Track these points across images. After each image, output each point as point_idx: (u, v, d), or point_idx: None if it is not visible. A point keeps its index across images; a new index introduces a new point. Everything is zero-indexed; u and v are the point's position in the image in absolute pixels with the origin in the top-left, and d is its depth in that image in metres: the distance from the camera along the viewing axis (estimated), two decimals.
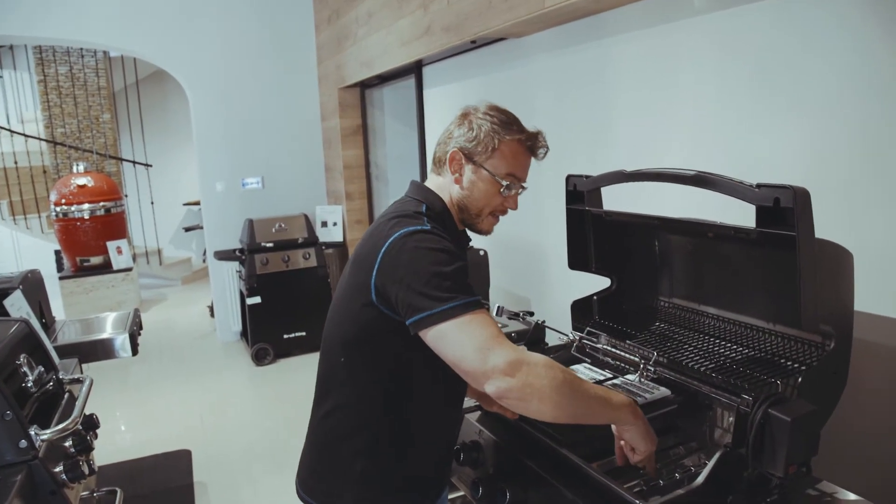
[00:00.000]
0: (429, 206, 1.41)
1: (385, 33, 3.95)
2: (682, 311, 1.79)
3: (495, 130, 1.39)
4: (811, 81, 1.68)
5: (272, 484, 3.37)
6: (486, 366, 1.17)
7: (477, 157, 1.40)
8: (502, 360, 1.17)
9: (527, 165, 1.45)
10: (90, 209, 6.50)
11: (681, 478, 1.33)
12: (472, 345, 1.19)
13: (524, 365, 1.17)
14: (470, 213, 1.44)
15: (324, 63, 5.54)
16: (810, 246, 1.21)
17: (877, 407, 1.58)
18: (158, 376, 5.13)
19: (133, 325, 2.96)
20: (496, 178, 1.40)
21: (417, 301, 1.21)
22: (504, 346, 1.19)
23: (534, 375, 1.17)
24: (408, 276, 1.23)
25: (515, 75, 3.04)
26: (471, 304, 1.21)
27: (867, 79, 1.55)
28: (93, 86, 8.14)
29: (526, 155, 1.44)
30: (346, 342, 1.38)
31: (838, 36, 1.60)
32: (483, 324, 1.21)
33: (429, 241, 1.27)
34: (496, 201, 1.43)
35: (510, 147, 1.40)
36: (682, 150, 2.11)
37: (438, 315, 1.20)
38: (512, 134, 1.40)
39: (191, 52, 5.38)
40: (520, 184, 1.44)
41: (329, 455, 1.42)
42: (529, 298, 3.07)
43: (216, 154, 5.56)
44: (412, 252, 1.25)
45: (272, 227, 5.18)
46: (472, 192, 1.41)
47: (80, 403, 1.98)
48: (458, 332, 1.20)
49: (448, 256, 1.25)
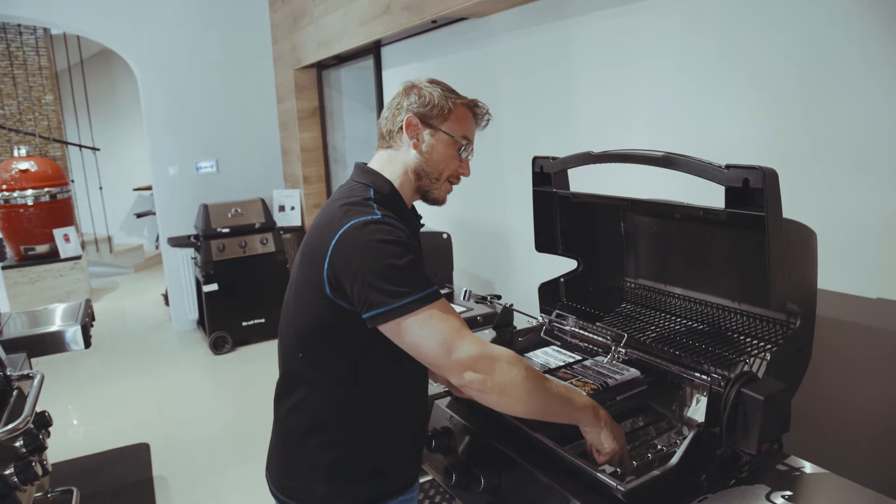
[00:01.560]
0: (377, 189, 1.37)
1: (343, 12, 3.86)
2: (648, 291, 1.80)
3: (446, 96, 1.41)
4: (773, 59, 1.69)
5: (235, 474, 3.31)
6: (451, 359, 1.20)
7: (433, 121, 1.40)
8: (466, 353, 1.20)
9: (474, 131, 1.47)
10: (34, 195, 6.24)
11: (653, 458, 1.33)
12: (434, 339, 1.20)
13: (488, 359, 1.21)
14: (430, 177, 1.42)
15: (279, 43, 5.40)
16: (779, 226, 1.22)
17: (839, 382, 1.61)
18: (112, 368, 4.99)
19: (85, 317, 2.85)
20: (455, 137, 1.41)
21: (374, 296, 1.20)
22: (467, 338, 1.21)
23: (497, 370, 1.21)
24: (362, 270, 1.21)
25: (477, 55, 3.00)
26: (428, 296, 1.21)
27: (828, 58, 1.56)
28: (33, 65, 7.78)
29: (472, 120, 1.45)
30: (302, 337, 1.35)
31: (802, 14, 1.61)
32: (443, 316, 1.22)
33: (381, 231, 1.24)
34: (454, 164, 1.44)
35: (461, 110, 1.42)
36: (646, 129, 2.12)
37: (397, 310, 1.20)
38: (460, 98, 1.43)
39: (138, 30, 5.17)
40: (471, 146, 1.45)
41: (297, 450, 1.40)
42: (493, 281, 3.06)
43: (168, 137, 5.38)
44: (364, 245, 1.22)
45: (228, 212, 5.06)
46: (431, 156, 1.41)
47: (31, 401, 1.90)
48: (419, 327, 1.20)
49: (401, 248, 1.23)
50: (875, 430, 1.56)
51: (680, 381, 1.48)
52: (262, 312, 5.11)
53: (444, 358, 1.21)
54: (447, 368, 1.22)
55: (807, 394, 1.45)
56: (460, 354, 1.20)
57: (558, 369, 1.64)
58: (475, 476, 1.42)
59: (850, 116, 1.53)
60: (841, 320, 1.61)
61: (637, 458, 1.34)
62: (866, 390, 1.58)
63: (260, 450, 1.50)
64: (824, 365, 1.57)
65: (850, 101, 1.53)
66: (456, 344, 1.20)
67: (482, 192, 3.09)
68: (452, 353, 1.20)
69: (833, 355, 1.60)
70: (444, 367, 1.22)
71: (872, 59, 1.47)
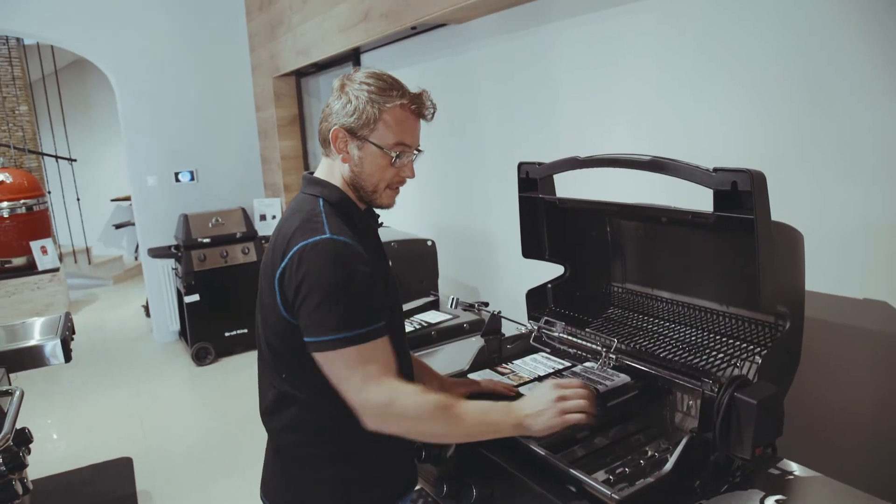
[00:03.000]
0: (325, 199, 1.34)
1: (321, 19, 3.83)
2: (636, 296, 1.80)
3: (373, 100, 1.29)
4: (755, 57, 1.70)
5: (221, 486, 3.26)
6: (365, 401, 1.22)
7: (360, 132, 1.30)
8: (379, 399, 1.21)
9: (416, 129, 1.35)
10: (10, 207, 6.14)
11: (645, 465, 1.32)
12: (353, 380, 1.22)
13: (394, 405, 1.21)
14: (365, 190, 1.36)
15: (256, 51, 5.36)
16: (767, 228, 1.22)
17: (828, 383, 1.62)
18: (92, 382, 4.90)
19: (65, 330, 2.80)
20: (384, 150, 1.31)
21: (310, 324, 1.23)
22: (380, 384, 1.22)
23: (403, 417, 1.22)
24: (305, 295, 1.22)
25: (458, 62, 2.99)
26: (359, 336, 1.21)
27: (813, 56, 1.57)
28: (6, 76, 7.67)
29: (413, 119, 1.33)
30: (277, 356, 1.35)
31: (784, 10, 1.62)
32: (366, 359, 1.22)
33: (327, 255, 1.22)
34: (389, 173, 1.34)
35: (393, 114, 1.30)
36: (629, 130, 2.12)
37: (326, 343, 1.22)
38: (392, 100, 1.30)
39: (113, 40, 5.11)
40: (411, 150, 1.35)
41: (297, 467, 1.38)
42: (479, 288, 3.05)
43: (146, 147, 5.31)
44: (306, 271, 1.22)
45: (209, 221, 5.00)
46: (362, 169, 1.33)
47: (11, 417, 1.86)
48: (341, 364, 1.22)
49: (344, 277, 1.21)
50: (865, 431, 1.57)
51: (671, 387, 1.47)
52: (244, 323, 5.05)
53: (356, 397, 1.22)
54: (359, 408, 1.23)
55: (796, 396, 1.46)
56: (370, 398, 1.22)
57: (548, 376, 1.63)
58: (467, 486, 1.40)
59: (836, 116, 1.54)
60: (829, 321, 1.62)
61: (630, 465, 1.33)
62: (855, 392, 1.58)
63: (245, 461, 1.48)
64: (813, 367, 1.57)
65: (836, 101, 1.53)
66: (368, 388, 1.21)
67: (466, 198, 3.08)
68: (363, 396, 1.22)
69: (821, 357, 1.60)
70: (355, 405, 1.23)
71: (859, 57, 1.48)
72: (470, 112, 2.94)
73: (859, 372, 1.57)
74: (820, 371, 1.61)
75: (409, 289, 2.71)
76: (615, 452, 1.41)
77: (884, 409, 1.53)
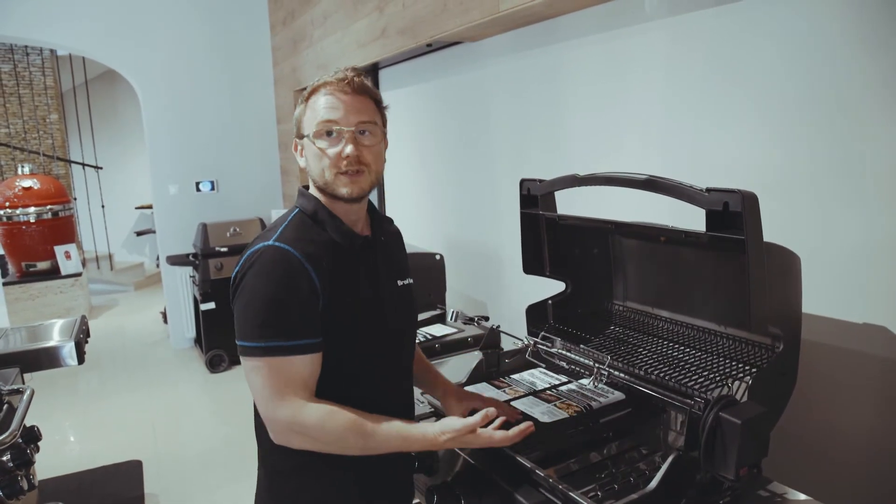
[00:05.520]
0: (302, 208, 1.39)
1: (341, 35, 3.90)
2: (635, 314, 1.80)
3: (301, 100, 1.37)
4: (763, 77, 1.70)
5: (228, 493, 3.29)
6: (269, 416, 1.25)
7: (299, 133, 1.37)
8: (281, 416, 1.23)
9: (335, 106, 1.30)
10: (36, 212, 6.29)
11: (635, 482, 1.33)
12: (260, 391, 1.25)
13: (298, 424, 1.23)
14: (319, 185, 1.35)
15: (279, 65, 5.46)
16: (759, 249, 1.22)
17: (825, 407, 1.61)
18: (109, 385, 4.98)
19: (79, 333, 2.86)
20: (310, 137, 1.32)
21: (236, 326, 1.27)
22: (288, 402, 1.23)
23: (307, 436, 1.24)
24: (238, 299, 1.28)
25: (471, 79, 3.03)
26: (273, 349, 1.22)
27: (818, 76, 1.58)
28: (39, 85, 7.88)
29: (333, 98, 1.31)
30: None
31: (791, 33, 1.62)
32: (276, 374, 1.23)
33: (263, 263, 1.26)
34: (328, 159, 1.30)
35: (313, 101, 1.33)
36: (638, 148, 2.13)
37: (244, 349, 1.25)
38: (313, 93, 1.34)
39: (142, 52, 5.24)
40: (335, 125, 1.30)
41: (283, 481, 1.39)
42: (486, 303, 3.07)
43: (169, 156, 5.42)
44: (244, 277, 1.27)
45: (226, 231, 5.08)
46: (308, 165, 1.36)
47: (20, 415, 1.91)
48: (253, 373, 1.25)
49: (273, 286, 1.23)
50: (862, 457, 1.55)
51: (663, 405, 1.47)
52: None
53: (265, 411, 1.26)
54: (267, 422, 1.26)
55: (793, 419, 1.45)
56: (278, 415, 1.23)
57: (543, 391, 1.64)
58: (456, 497, 1.41)
59: (838, 139, 1.54)
60: (828, 345, 1.61)
61: (620, 481, 1.33)
62: (853, 417, 1.57)
63: (252, 469, 1.49)
64: (811, 390, 1.56)
65: (839, 124, 1.53)
66: (277, 404, 1.23)
67: (476, 213, 3.10)
68: (272, 411, 1.24)
69: (820, 380, 1.59)
70: (266, 419, 1.26)
71: (864, 78, 1.48)
72: (482, 127, 2.97)
73: (858, 397, 1.56)
74: (818, 395, 1.60)
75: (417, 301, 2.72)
76: (608, 468, 1.41)
77: (882, 436, 1.51)
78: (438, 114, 3.34)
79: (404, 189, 3.80)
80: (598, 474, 1.37)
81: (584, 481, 1.34)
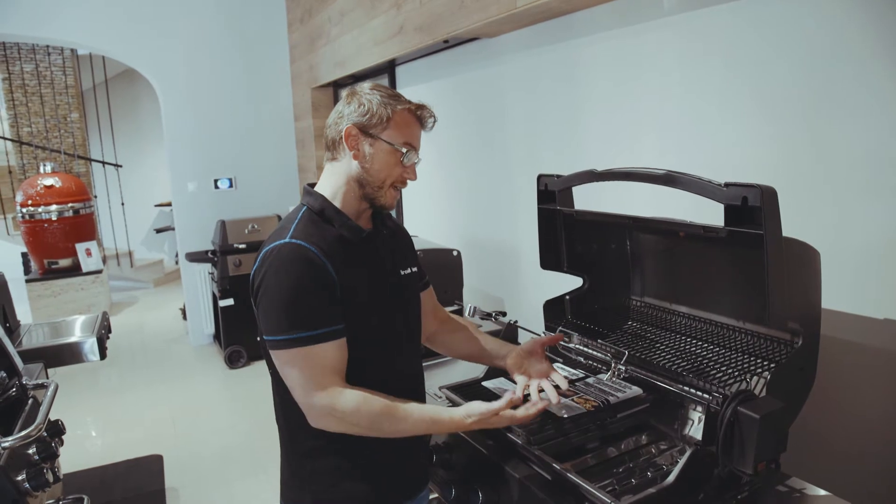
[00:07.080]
0: (309, 206, 1.42)
1: (358, 33, 3.92)
2: (653, 309, 1.80)
3: (385, 102, 1.38)
4: (778, 76, 1.70)
5: (247, 487, 3.33)
6: (307, 403, 1.31)
7: (373, 130, 1.37)
8: (319, 403, 1.29)
9: (419, 136, 1.43)
10: (58, 210, 6.38)
11: (653, 476, 1.33)
12: (297, 381, 1.30)
13: (336, 410, 1.29)
14: (372, 186, 1.40)
15: (297, 63, 5.49)
16: (778, 244, 1.22)
17: (845, 403, 1.60)
18: (129, 380, 5.05)
19: (101, 329, 2.90)
20: (395, 146, 1.38)
21: (263, 323, 1.32)
22: (324, 389, 1.29)
23: (344, 421, 1.30)
24: (261, 296, 1.32)
25: (488, 75, 3.03)
26: (303, 339, 1.28)
27: (834, 75, 1.56)
28: (60, 84, 7.98)
29: (417, 125, 1.42)
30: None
31: (806, 32, 1.62)
32: (310, 363, 1.29)
33: (282, 259, 1.30)
34: (396, 172, 1.40)
35: (402, 116, 1.39)
36: (655, 145, 2.12)
37: (274, 343, 1.30)
38: (401, 104, 1.39)
39: (161, 51, 5.29)
40: (416, 153, 1.42)
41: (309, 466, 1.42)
42: (503, 298, 3.07)
43: (188, 154, 5.47)
44: (266, 274, 1.31)
45: (245, 228, 5.12)
46: (372, 165, 1.39)
47: (45, 409, 1.94)
48: (287, 364, 1.31)
49: (295, 279, 1.28)
50: (881, 452, 1.54)
51: (681, 400, 1.47)
52: None
53: (302, 399, 1.31)
54: (305, 410, 1.32)
55: (812, 414, 1.44)
56: (315, 402, 1.29)
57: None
58: (474, 491, 1.42)
59: (857, 134, 1.52)
60: (848, 341, 1.60)
61: (638, 476, 1.34)
62: (873, 413, 1.56)
63: (271, 463, 1.53)
64: (831, 386, 1.55)
65: (857, 119, 1.52)
66: (314, 392, 1.29)
67: (492, 209, 3.11)
68: (309, 398, 1.30)
69: (840, 376, 1.58)
70: (303, 407, 1.32)
71: (879, 76, 1.47)
72: (499, 123, 2.97)
73: (878, 393, 1.55)
74: (838, 390, 1.59)
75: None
76: (626, 463, 1.41)
77: None
78: (455, 110, 3.35)
79: (421, 185, 3.80)
80: (616, 469, 1.38)
81: (601, 475, 1.35)
